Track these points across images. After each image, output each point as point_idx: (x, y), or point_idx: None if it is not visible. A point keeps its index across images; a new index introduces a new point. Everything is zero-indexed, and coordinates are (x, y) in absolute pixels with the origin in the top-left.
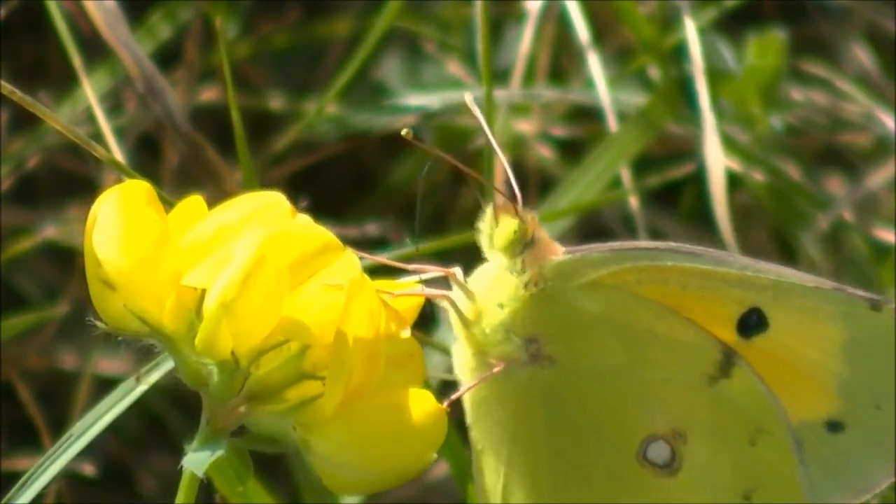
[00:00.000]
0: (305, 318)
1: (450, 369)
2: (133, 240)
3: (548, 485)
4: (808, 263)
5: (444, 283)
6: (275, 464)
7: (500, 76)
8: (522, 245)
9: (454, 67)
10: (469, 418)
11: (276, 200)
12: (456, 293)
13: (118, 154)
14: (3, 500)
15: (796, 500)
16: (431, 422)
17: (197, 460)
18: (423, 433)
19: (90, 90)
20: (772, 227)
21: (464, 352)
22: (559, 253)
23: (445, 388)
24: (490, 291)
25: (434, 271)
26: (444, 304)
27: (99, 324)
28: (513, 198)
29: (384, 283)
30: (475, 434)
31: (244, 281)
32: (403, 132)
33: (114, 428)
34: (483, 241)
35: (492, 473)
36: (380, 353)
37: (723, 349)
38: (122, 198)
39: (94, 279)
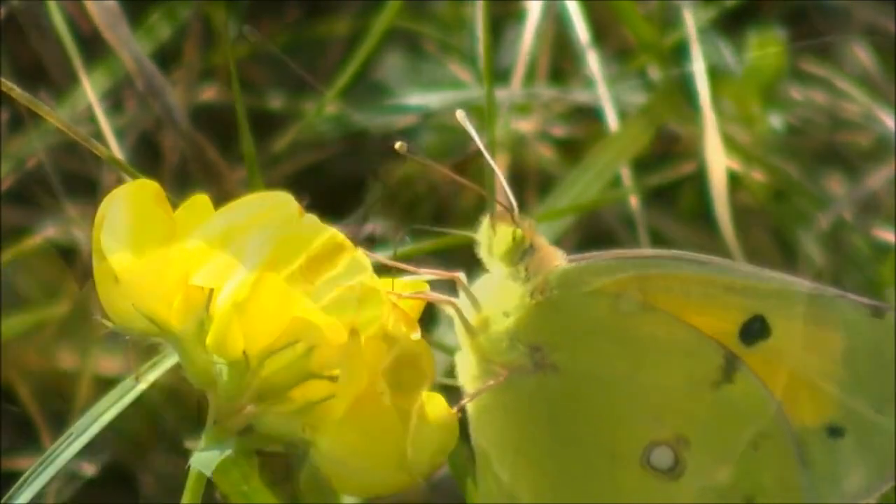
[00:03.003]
0: (316, 318)
1: (449, 371)
2: (142, 239)
3: (550, 490)
4: (808, 263)
5: (447, 287)
6: (275, 463)
7: (500, 76)
8: (521, 252)
9: (455, 67)
10: (472, 426)
11: (284, 200)
12: (462, 300)
13: (118, 153)
14: (3, 500)
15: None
16: (442, 426)
17: (205, 460)
18: (433, 437)
19: (90, 89)
20: (772, 226)
21: (468, 359)
22: (561, 260)
23: (447, 390)
24: (495, 299)
25: (440, 275)
26: (450, 310)
27: (106, 322)
28: (509, 206)
29: (391, 284)
30: (478, 441)
31: (256, 281)
32: (398, 146)
33: (114, 427)
34: (482, 251)
35: (495, 480)
36: (389, 354)
37: (726, 354)
38: (131, 196)
39: (102, 277)
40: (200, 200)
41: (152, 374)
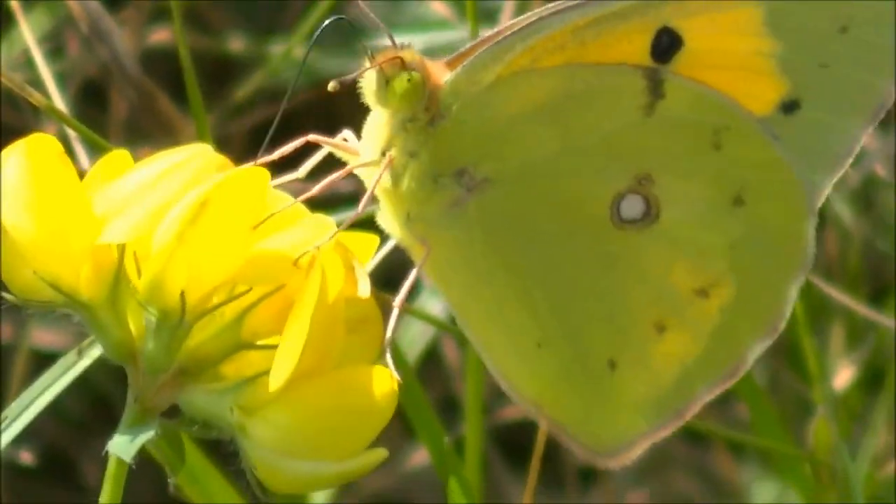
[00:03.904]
0: (262, 268)
1: (432, 340)
2: (43, 199)
3: (545, 307)
4: (836, 224)
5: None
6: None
7: (487, 15)
8: (420, 92)
9: (437, 5)
10: (441, 289)
11: (203, 149)
12: (360, 165)
13: (59, 102)
14: None
15: (788, 179)
16: (383, 404)
17: (123, 444)
18: (373, 415)
19: (28, 31)
20: None
21: (399, 221)
22: (443, 71)
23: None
24: (395, 145)
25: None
26: (362, 175)
27: (6, 295)
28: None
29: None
30: (452, 300)
31: (201, 209)
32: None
33: (53, 410)
34: (373, 97)
35: (489, 334)
36: (340, 325)
37: (644, 73)
38: (29, 153)
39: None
40: (118, 156)
41: (95, 349)
